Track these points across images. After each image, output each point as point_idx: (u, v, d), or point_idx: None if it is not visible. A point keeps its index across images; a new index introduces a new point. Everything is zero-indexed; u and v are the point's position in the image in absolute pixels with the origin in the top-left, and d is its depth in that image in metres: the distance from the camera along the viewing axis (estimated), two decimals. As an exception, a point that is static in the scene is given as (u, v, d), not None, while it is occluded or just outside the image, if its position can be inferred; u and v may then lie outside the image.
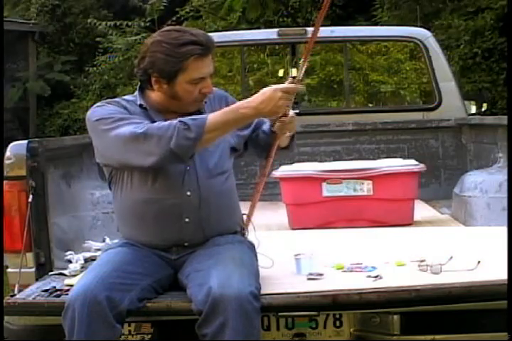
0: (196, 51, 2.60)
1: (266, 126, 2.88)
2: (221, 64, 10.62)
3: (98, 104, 2.73)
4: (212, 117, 2.54)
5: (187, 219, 2.67)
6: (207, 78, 2.67)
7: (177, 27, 2.78)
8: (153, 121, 2.68)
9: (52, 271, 3.03)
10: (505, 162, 3.92)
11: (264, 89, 2.59)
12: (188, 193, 2.66)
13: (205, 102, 2.79)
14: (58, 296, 2.66)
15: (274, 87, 2.59)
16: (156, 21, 11.88)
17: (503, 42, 10.07)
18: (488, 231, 3.58)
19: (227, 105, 2.81)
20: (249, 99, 2.58)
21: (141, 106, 2.73)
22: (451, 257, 2.89)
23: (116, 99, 2.77)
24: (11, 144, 3.07)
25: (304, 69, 2.76)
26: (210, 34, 2.78)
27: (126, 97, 2.80)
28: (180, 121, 2.52)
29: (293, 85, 2.62)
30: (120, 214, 2.79)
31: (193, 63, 2.61)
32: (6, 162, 3.02)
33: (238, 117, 2.57)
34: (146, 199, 2.67)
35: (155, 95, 2.72)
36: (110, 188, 2.80)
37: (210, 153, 2.70)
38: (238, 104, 2.60)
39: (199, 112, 2.75)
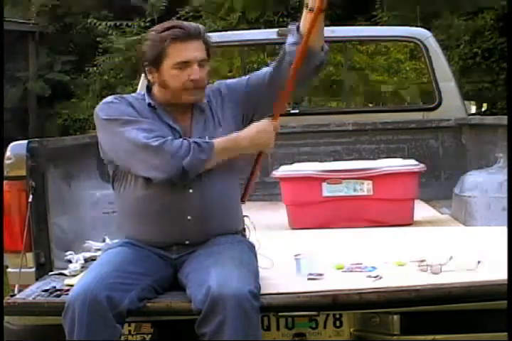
0: (175, 33, 2.64)
1: (291, 39, 2.79)
2: (221, 64, 10.62)
3: (106, 100, 2.73)
4: (218, 142, 2.63)
5: (189, 217, 2.68)
6: (193, 64, 2.67)
7: (171, 21, 2.81)
8: (162, 120, 2.70)
9: (52, 271, 3.03)
10: (505, 162, 3.92)
11: (257, 122, 2.69)
12: (191, 191, 2.67)
13: (208, 101, 2.79)
14: (58, 296, 2.66)
15: (267, 121, 2.69)
16: (156, 21, 11.87)
17: (503, 42, 10.08)
18: (488, 231, 3.58)
19: (221, 96, 2.83)
20: (245, 130, 2.68)
21: (149, 104, 2.74)
22: (451, 257, 2.88)
23: (124, 96, 2.78)
24: (11, 144, 3.07)
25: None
26: (210, 34, 2.79)
27: (134, 95, 2.83)
28: (194, 142, 2.59)
29: (277, 124, 2.71)
30: (122, 211, 2.80)
31: (173, 46, 2.64)
32: (6, 162, 3.02)
33: (235, 146, 2.68)
34: (148, 196, 2.68)
35: (154, 89, 2.76)
36: (113, 185, 2.80)
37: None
38: (237, 133, 2.68)
39: (200, 110, 2.76)
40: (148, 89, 2.79)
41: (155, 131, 2.61)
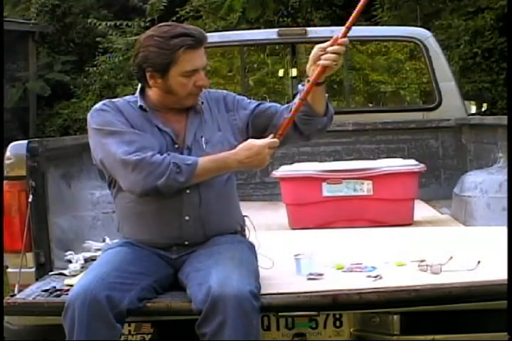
0: (187, 42, 2.61)
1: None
2: (221, 64, 10.61)
3: (96, 106, 2.73)
4: (202, 163, 2.60)
5: (187, 217, 2.68)
6: (200, 71, 2.67)
7: (169, 22, 2.79)
8: (151, 123, 2.70)
9: (52, 271, 3.03)
10: (505, 162, 3.92)
11: (251, 144, 2.62)
12: (188, 191, 2.67)
13: (202, 102, 2.79)
14: (58, 296, 2.66)
15: (260, 142, 2.62)
16: (156, 21, 11.87)
17: (503, 42, 10.08)
18: (488, 231, 3.58)
19: (226, 105, 2.82)
20: (236, 151, 2.63)
21: (141, 107, 2.73)
22: (451, 257, 2.89)
23: (114, 101, 2.76)
24: (11, 144, 3.07)
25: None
26: (210, 34, 2.78)
27: (128, 98, 2.80)
28: (173, 163, 2.57)
29: (276, 140, 2.64)
30: (121, 213, 2.80)
31: (184, 54, 2.61)
32: (6, 162, 3.02)
33: (223, 167, 2.65)
34: (146, 198, 2.67)
35: (152, 92, 2.73)
36: (110, 187, 2.80)
37: (206, 154, 2.69)
38: (227, 154, 2.64)
39: (195, 111, 2.76)
40: (142, 91, 2.78)
41: (137, 143, 2.60)
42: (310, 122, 2.76)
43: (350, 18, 2.63)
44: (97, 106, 2.74)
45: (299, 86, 2.77)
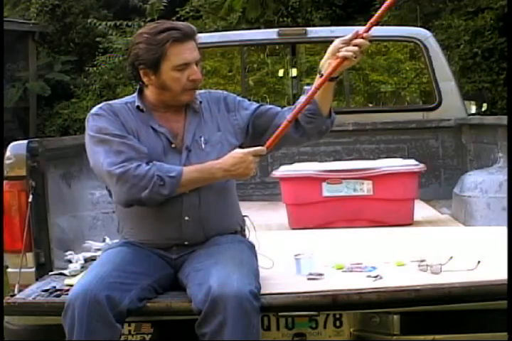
0: (173, 35, 2.61)
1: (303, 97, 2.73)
2: (221, 64, 10.61)
3: (93, 110, 2.72)
4: (186, 173, 2.59)
5: (187, 218, 2.68)
6: (192, 65, 2.67)
7: (159, 20, 2.79)
8: (147, 124, 2.70)
9: (52, 271, 3.03)
10: (505, 162, 3.92)
11: (235, 153, 2.62)
12: (187, 191, 2.67)
13: (201, 102, 2.79)
14: (58, 296, 2.67)
15: (245, 150, 2.61)
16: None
17: (503, 42, 10.08)
18: (488, 231, 3.58)
19: (227, 105, 2.82)
20: (221, 161, 2.62)
21: (138, 107, 2.73)
22: (451, 257, 2.89)
23: (112, 104, 2.75)
24: (11, 144, 3.07)
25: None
26: (210, 34, 2.78)
27: (126, 98, 2.80)
28: (157, 175, 2.56)
29: (261, 148, 2.63)
30: (120, 213, 2.80)
31: (172, 48, 2.61)
32: (6, 162, 3.03)
33: (209, 177, 2.64)
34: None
35: (149, 91, 2.73)
36: (107, 188, 2.79)
37: (206, 154, 2.70)
38: (212, 163, 2.63)
39: (194, 111, 2.76)
40: (140, 90, 2.78)
41: (124, 154, 2.59)
42: (314, 121, 2.75)
43: (377, 14, 2.61)
44: (94, 110, 2.73)
45: (305, 87, 2.77)
